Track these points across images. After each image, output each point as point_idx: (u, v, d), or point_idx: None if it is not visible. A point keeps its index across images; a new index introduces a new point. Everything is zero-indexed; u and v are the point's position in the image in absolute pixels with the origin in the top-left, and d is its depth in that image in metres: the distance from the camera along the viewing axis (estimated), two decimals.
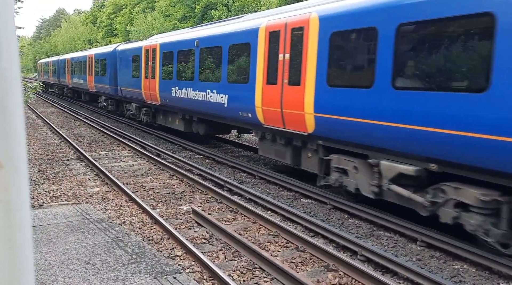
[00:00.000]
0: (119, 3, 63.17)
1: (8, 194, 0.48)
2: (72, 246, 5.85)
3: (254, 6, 32.69)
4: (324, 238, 7.07)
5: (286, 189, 10.00)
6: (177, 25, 41.44)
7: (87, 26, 78.64)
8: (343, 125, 7.95)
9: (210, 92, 12.69)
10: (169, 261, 5.76)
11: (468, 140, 5.91)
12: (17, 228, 0.49)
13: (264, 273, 5.82)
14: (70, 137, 16.75)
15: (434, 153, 6.47)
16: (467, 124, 5.90)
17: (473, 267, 6.12)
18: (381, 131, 7.18)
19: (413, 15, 6.58)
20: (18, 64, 0.50)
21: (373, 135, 7.39)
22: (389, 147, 7.21)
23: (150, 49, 17.10)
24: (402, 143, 6.93)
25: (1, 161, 0.46)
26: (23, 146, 0.50)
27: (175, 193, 9.67)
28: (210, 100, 12.67)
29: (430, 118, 6.36)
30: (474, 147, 5.86)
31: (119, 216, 8.00)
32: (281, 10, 10.55)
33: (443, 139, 6.21)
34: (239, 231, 7.29)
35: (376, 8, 7.26)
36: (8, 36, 0.47)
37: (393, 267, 5.84)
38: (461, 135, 5.98)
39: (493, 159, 5.72)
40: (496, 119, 5.61)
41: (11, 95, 0.47)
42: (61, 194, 9.37)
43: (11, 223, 0.48)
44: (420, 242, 6.81)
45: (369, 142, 7.55)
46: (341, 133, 8.14)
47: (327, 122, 8.33)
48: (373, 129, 7.32)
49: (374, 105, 7.27)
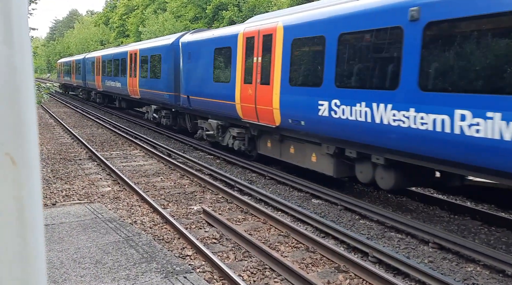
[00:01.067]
0: (131, 4, 63.66)
1: (20, 190, 0.48)
2: (84, 245, 5.91)
3: (266, 6, 32.69)
4: (335, 239, 7.03)
5: (297, 189, 9.97)
6: (189, 25, 41.62)
7: (99, 27, 79.37)
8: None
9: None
10: (180, 260, 5.79)
11: None
12: (29, 224, 0.50)
13: (274, 274, 5.81)
14: (82, 137, 16.92)
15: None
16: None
17: (486, 269, 6.04)
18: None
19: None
20: (31, 62, 0.50)
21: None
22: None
23: (258, 36, 10.92)
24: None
25: (13, 158, 0.47)
26: (35, 143, 0.50)
27: (186, 193, 9.71)
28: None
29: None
30: None
31: (130, 216, 8.05)
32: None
33: None
34: (249, 231, 7.29)
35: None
36: (21, 35, 0.48)
37: (405, 269, 5.79)
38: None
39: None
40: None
41: (24, 93, 0.48)
42: (73, 193, 9.46)
43: (23, 219, 0.49)
44: (432, 243, 6.74)
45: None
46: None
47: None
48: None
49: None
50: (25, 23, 0.49)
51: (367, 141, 7.86)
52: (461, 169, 6.51)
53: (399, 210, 8.40)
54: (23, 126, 0.48)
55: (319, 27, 8.90)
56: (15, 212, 0.48)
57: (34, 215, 0.50)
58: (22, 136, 0.48)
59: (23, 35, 0.48)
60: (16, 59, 0.47)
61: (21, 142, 0.48)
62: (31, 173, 0.49)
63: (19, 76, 0.48)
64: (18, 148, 0.48)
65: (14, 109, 0.47)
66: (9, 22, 0.46)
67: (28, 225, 0.49)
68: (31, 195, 0.49)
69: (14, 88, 0.47)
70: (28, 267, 0.50)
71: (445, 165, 6.66)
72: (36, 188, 0.51)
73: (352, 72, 8.22)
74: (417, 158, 6.93)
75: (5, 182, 0.47)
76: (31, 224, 0.50)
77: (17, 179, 0.48)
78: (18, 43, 0.48)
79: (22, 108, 0.48)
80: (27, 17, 0.50)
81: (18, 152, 0.48)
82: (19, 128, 0.48)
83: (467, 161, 6.17)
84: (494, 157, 5.73)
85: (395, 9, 7.20)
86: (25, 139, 0.48)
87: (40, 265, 0.52)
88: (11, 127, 0.47)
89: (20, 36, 0.48)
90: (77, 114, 26.85)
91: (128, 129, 19.24)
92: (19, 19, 0.48)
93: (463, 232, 7.31)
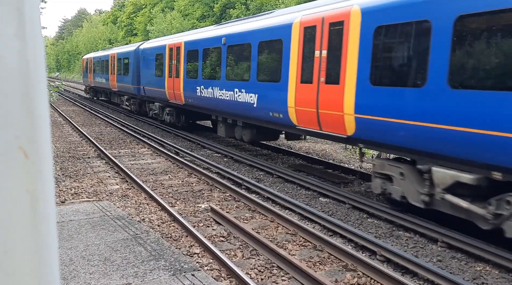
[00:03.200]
0: (139, 3, 63.91)
1: (33, 184, 0.48)
2: (92, 243, 5.95)
3: (273, 4, 32.63)
4: (343, 238, 7.02)
5: (304, 188, 9.96)
6: (196, 24, 41.68)
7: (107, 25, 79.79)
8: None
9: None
10: (188, 258, 5.81)
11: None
12: (42, 217, 0.50)
13: (282, 272, 5.81)
14: (91, 135, 17.03)
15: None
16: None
17: (496, 269, 5.99)
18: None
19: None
20: (43, 57, 0.50)
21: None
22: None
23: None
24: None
25: (26, 151, 0.47)
26: (48, 137, 0.51)
27: (194, 191, 9.73)
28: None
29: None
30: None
31: (139, 213, 8.09)
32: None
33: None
34: (256, 230, 7.29)
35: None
36: (33, 29, 0.48)
37: (413, 268, 5.76)
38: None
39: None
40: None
41: (37, 87, 0.48)
42: (82, 191, 9.53)
43: (36, 212, 0.49)
44: (441, 242, 6.70)
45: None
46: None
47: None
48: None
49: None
50: (37, 17, 0.49)
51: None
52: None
53: None
54: (36, 120, 0.48)
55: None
56: (28, 205, 0.48)
57: (47, 208, 0.50)
58: (35, 130, 0.48)
59: (35, 29, 0.49)
60: (29, 53, 0.48)
61: (34, 136, 0.48)
62: (44, 167, 0.50)
63: (31, 70, 0.48)
64: (31, 142, 0.48)
65: (27, 103, 0.47)
66: (21, 16, 0.47)
67: (41, 218, 0.50)
68: (44, 188, 0.50)
69: (26, 82, 0.47)
70: (41, 261, 0.50)
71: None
72: (49, 181, 0.51)
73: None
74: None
75: (18, 175, 0.48)
76: (44, 217, 0.50)
77: (30, 172, 0.48)
78: (30, 37, 0.48)
79: (35, 102, 0.48)
80: (39, 11, 0.50)
81: (31, 146, 0.48)
82: (32, 122, 0.48)
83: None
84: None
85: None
86: (38, 133, 0.49)
87: (53, 258, 0.53)
88: (24, 121, 0.47)
89: (32, 30, 0.48)
90: (86, 113, 27.02)
91: (136, 127, 19.33)
92: (31, 12, 0.48)
93: (471, 231, 7.25)
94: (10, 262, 0.47)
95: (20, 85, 0.47)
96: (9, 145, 0.46)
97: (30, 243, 0.49)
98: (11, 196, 0.47)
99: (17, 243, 0.48)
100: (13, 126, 0.47)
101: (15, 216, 0.47)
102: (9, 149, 0.46)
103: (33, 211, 0.49)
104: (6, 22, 0.45)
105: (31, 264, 0.49)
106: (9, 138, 0.47)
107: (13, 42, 0.46)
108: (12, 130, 0.47)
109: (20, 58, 0.47)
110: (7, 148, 0.46)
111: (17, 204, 0.47)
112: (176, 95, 16.77)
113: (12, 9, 0.45)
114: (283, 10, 11.62)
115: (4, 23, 0.45)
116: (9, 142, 0.46)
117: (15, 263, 0.48)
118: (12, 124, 0.47)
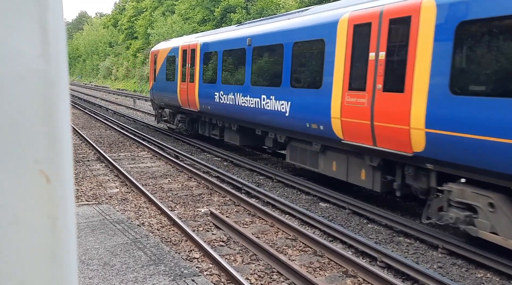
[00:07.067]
0: (140, 6, 64.04)
1: (55, 209, 0.47)
2: (92, 246, 5.92)
3: (274, 8, 32.73)
4: (343, 243, 7.00)
5: (304, 192, 9.94)
6: (197, 28, 41.77)
7: (108, 29, 79.93)
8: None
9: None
10: (187, 263, 5.78)
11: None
12: (63, 245, 0.48)
13: (282, 278, 5.78)
14: (90, 138, 17.01)
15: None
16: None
17: (497, 276, 5.97)
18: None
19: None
20: (67, 76, 0.49)
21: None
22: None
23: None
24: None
25: (48, 176, 0.46)
26: (70, 160, 0.49)
27: (193, 195, 9.71)
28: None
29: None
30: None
31: (138, 217, 8.07)
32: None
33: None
34: (256, 235, 7.27)
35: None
36: (57, 48, 0.47)
37: (414, 274, 5.74)
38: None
39: None
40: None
41: (59, 108, 0.47)
42: (81, 194, 9.51)
43: (58, 240, 0.47)
44: (442, 249, 6.68)
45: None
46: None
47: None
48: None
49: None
50: (62, 35, 0.47)
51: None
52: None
53: (408, 215, 8.34)
54: (58, 143, 0.47)
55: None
56: (49, 232, 0.46)
57: (68, 235, 0.49)
58: (57, 153, 0.47)
59: (60, 48, 0.47)
60: (53, 73, 0.46)
61: (56, 159, 0.47)
62: (65, 191, 0.48)
63: (55, 91, 0.46)
64: (52, 165, 0.46)
65: (50, 125, 0.46)
66: (46, 34, 0.45)
67: (63, 246, 0.48)
68: (66, 214, 0.48)
69: (50, 104, 0.46)
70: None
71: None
72: (70, 206, 0.49)
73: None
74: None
75: (40, 200, 0.46)
76: (65, 245, 0.48)
77: (52, 197, 0.47)
78: (55, 56, 0.46)
79: (57, 124, 0.47)
80: (64, 29, 0.49)
81: (53, 170, 0.46)
82: (54, 144, 0.46)
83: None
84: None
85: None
86: (60, 156, 0.47)
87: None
88: (46, 144, 0.46)
89: (57, 49, 0.47)
90: (86, 115, 27.01)
91: (135, 130, 19.32)
92: (56, 30, 0.47)
93: (472, 238, 7.23)
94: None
95: (43, 107, 0.46)
96: (30, 168, 0.45)
97: (50, 273, 0.47)
98: (32, 223, 0.45)
99: (36, 273, 0.46)
100: (34, 149, 0.45)
101: (36, 244, 0.46)
102: (30, 173, 0.45)
103: (54, 239, 0.47)
104: (29, 41, 0.44)
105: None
106: (30, 161, 0.45)
107: (38, 62, 0.45)
108: (33, 153, 0.45)
109: (44, 78, 0.46)
110: (28, 172, 0.45)
111: (38, 231, 0.46)
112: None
113: (36, 27, 0.44)
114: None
115: (28, 42, 0.44)
116: (30, 166, 0.45)
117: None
118: (34, 146, 0.45)
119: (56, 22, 0.47)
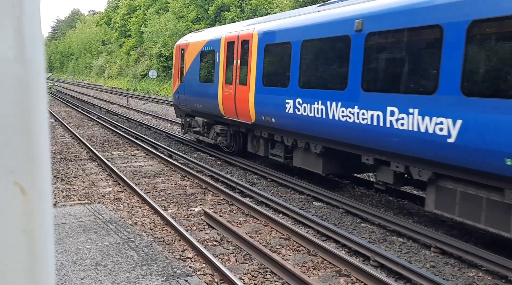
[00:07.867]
0: (133, 4, 63.72)
1: (31, 223, 0.44)
2: (84, 246, 5.88)
3: (268, 8, 32.70)
4: (336, 243, 7.00)
5: (298, 192, 9.94)
6: (191, 26, 41.64)
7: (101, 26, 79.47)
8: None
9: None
10: (180, 263, 5.76)
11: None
12: (40, 261, 0.45)
13: (275, 277, 5.77)
14: (83, 137, 16.90)
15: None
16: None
17: (489, 275, 6.00)
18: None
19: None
20: (45, 82, 0.46)
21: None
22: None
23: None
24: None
25: (23, 187, 0.43)
26: (48, 170, 0.46)
27: (187, 194, 9.68)
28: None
29: None
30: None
31: (131, 217, 8.02)
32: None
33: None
34: (250, 234, 7.26)
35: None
36: (34, 52, 0.44)
37: (406, 274, 5.76)
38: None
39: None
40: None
41: (37, 116, 0.44)
42: (73, 193, 9.44)
43: (34, 255, 0.44)
44: (434, 248, 6.71)
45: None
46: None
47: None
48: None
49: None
50: (39, 39, 0.45)
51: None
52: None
53: (401, 214, 8.37)
54: (35, 152, 0.44)
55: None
56: (24, 247, 0.43)
57: (45, 250, 0.46)
58: (33, 163, 0.43)
59: (37, 52, 0.44)
60: (29, 79, 0.43)
61: (32, 169, 0.44)
62: (42, 203, 0.45)
63: (31, 97, 0.43)
64: (28, 176, 0.43)
65: (26, 134, 0.43)
66: (21, 37, 0.42)
67: (39, 262, 0.45)
68: (42, 228, 0.45)
69: (26, 111, 0.43)
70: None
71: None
72: (48, 219, 0.46)
73: None
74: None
75: (14, 214, 0.43)
76: (41, 261, 0.45)
77: (27, 211, 0.43)
78: (31, 61, 0.43)
79: (34, 133, 0.44)
80: (41, 33, 0.46)
81: (29, 181, 0.43)
82: (30, 154, 0.43)
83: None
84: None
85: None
86: (37, 167, 0.44)
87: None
88: (22, 154, 0.43)
89: (33, 53, 0.44)
90: (78, 114, 26.84)
91: (129, 129, 19.22)
92: (33, 34, 0.44)
93: (465, 236, 7.27)
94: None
95: (18, 115, 0.43)
96: (4, 179, 0.42)
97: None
98: (5, 239, 0.42)
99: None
100: (9, 159, 0.42)
101: (10, 260, 0.43)
102: (4, 184, 0.42)
103: (30, 254, 0.44)
104: (5, 44, 0.41)
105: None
106: (5, 172, 0.42)
107: (13, 67, 0.42)
108: (8, 163, 0.42)
109: (19, 85, 0.42)
110: (1, 183, 0.41)
111: (12, 247, 0.42)
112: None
113: (10, 30, 0.41)
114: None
115: (3, 45, 0.41)
116: (5, 177, 0.42)
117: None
118: (9, 156, 0.42)
119: (32, 26, 0.44)
